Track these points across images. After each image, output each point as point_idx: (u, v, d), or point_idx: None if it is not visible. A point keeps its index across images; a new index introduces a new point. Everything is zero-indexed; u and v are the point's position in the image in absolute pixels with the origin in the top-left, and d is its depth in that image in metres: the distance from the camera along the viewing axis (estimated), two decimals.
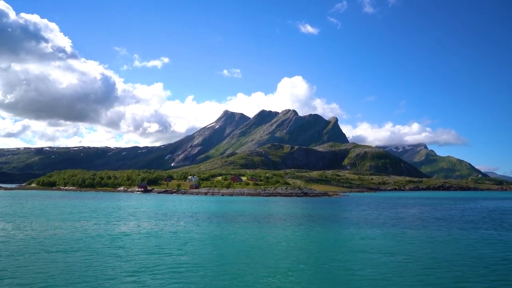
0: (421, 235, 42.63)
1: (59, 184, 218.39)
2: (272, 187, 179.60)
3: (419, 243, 36.82)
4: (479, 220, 61.74)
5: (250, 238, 39.24)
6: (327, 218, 62.04)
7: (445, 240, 39.17)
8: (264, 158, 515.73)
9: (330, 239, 39.36)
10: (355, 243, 36.48)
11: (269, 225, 50.63)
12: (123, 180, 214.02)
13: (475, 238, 40.47)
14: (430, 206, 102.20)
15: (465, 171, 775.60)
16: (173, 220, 55.81)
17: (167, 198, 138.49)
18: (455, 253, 31.97)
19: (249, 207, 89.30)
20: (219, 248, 32.88)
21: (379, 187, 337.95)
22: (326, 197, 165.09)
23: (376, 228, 48.87)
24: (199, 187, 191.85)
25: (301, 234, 42.60)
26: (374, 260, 28.53)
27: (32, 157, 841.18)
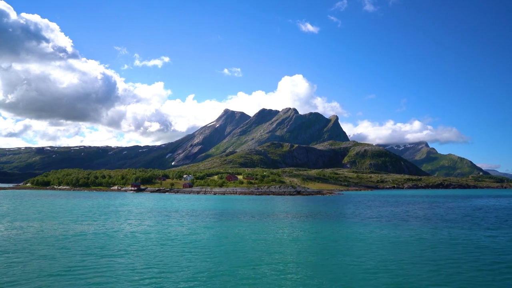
0: (386, 234, 41.22)
1: (53, 183, 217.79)
2: (265, 186, 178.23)
3: (379, 243, 35.43)
4: (459, 219, 60.19)
5: (214, 234, 38.24)
6: (303, 215, 60.69)
7: (408, 240, 37.73)
8: (263, 156, 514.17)
9: (293, 235, 38.24)
10: (308, 239, 35.18)
11: (234, 221, 49.45)
12: (118, 180, 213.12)
13: (440, 238, 39.01)
14: (418, 204, 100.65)
15: (466, 169, 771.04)
16: (134, 219, 54.66)
17: (157, 196, 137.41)
18: (411, 254, 30.58)
19: (229, 204, 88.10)
20: (176, 246, 31.65)
21: (377, 185, 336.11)
22: (319, 195, 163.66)
23: (346, 225, 47.60)
24: (193, 186, 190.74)
25: (259, 228, 41.39)
26: (320, 257, 27.40)
27: (33, 156, 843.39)
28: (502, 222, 54.29)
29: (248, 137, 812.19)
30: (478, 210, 79.16)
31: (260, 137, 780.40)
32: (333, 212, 70.39)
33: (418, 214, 68.79)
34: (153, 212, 68.94)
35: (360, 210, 77.84)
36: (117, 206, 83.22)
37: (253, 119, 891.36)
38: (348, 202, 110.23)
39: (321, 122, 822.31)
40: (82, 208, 77.30)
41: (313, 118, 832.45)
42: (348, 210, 77.60)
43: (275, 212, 69.05)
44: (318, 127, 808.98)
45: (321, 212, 70.26)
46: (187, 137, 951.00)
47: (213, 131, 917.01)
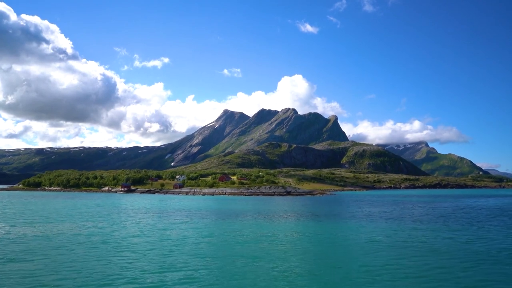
0: (352, 233, 39.63)
1: (44, 184, 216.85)
2: (256, 186, 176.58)
3: (338, 242, 33.84)
4: (432, 219, 58.39)
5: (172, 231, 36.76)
6: (275, 215, 59.09)
7: (357, 240, 36.08)
8: (261, 157, 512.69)
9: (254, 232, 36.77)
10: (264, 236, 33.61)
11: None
12: (109, 180, 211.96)
13: (396, 239, 37.33)
14: (403, 203, 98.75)
15: (466, 168, 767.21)
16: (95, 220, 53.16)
17: (142, 197, 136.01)
18: (348, 255, 28.98)
19: (208, 204, 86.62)
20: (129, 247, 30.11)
21: (374, 185, 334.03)
22: (309, 196, 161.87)
23: (315, 222, 46.01)
24: (183, 187, 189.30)
25: (214, 226, 39.92)
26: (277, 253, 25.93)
27: (33, 157, 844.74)
28: (473, 223, 52.50)
29: (248, 138, 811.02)
30: (459, 210, 77.32)
31: (259, 137, 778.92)
32: (307, 211, 68.87)
33: (393, 214, 67.08)
34: (116, 212, 67.46)
35: (336, 209, 76.23)
36: (89, 207, 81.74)
37: (252, 120, 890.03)
38: (332, 202, 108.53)
39: (320, 122, 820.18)
40: (46, 209, 75.89)
41: (312, 118, 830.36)
42: (323, 209, 75.95)
43: (246, 212, 67.48)
44: (318, 127, 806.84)
45: (295, 212, 68.69)
46: (187, 138, 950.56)
47: (212, 131, 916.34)
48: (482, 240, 36.68)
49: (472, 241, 36.36)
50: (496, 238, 38.23)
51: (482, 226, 48.46)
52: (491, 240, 36.85)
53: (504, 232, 42.77)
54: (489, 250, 31.58)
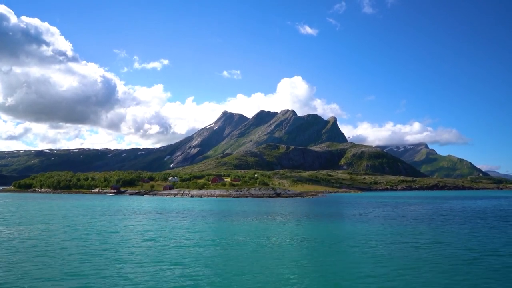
0: (302, 232, 37.91)
1: (35, 186, 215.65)
2: (245, 188, 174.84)
3: (289, 241, 32.12)
4: (405, 221, 56.54)
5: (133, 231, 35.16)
6: (239, 214, 57.40)
7: (315, 238, 34.33)
8: (258, 158, 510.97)
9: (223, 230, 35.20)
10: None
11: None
12: (100, 182, 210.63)
13: (355, 241, 35.58)
14: (388, 205, 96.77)
15: (466, 170, 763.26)
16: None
17: (127, 198, 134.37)
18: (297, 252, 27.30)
19: (185, 205, 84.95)
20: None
21: (370, 187, 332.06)
22: (299, 197, 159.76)
23: (283, 221, 44.31)
24: (173, 188, 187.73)
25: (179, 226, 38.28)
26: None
27: (32, 159, 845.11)
28: (442, 226, 50.60)
29: (247, 139, 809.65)
30: (439, 212, 75.33)
31: (258, 139, 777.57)
32: (277, 212, 67.11)
33: (368, 215, 65.23)
34: (81, 214, 65.84)
35: (312, 210, 74.44)
36: (55, 209, 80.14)
37: (251, 121, 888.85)
38: (315, 203, 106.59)
39: (319, 124, 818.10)
40: (18, 210, 74.36)
41: (311, 119, 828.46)
42: (298, 210, 74.18)
43: (213, 212, 65.79)
44: (317, 128, 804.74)
45: (269, 213, 66.93)
46: (186, 139, 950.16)
47: (211, 133, 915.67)
48: (436, 245, 34.81)
49: (426, 246, 34.50)
50: (455, 243, 36.36)
51: (448, 230, 46.54)
52: (446, 245, 34.98)
53: (466, 237, 40.89)
54: (433, 256, 29.73)
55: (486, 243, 36.32)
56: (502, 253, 30.95)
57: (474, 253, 31.18)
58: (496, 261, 28.06)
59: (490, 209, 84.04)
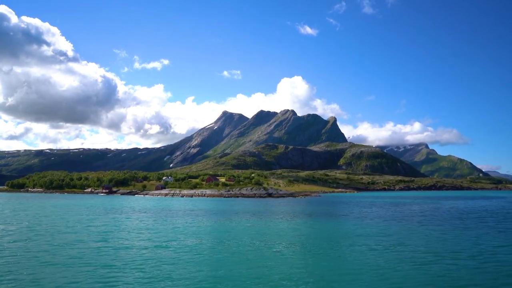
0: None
1: (28, 185, 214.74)
2: (237, 188, 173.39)
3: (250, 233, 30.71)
4: (384, 221, 55.01)
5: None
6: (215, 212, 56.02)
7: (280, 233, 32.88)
8: (257, 158, 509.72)
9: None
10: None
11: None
12: (93, 182, 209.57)
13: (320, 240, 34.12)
14: (376, 205, 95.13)
15: (466, 170, 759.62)
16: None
17: (117, 198, 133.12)
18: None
19: (164, 204, 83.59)
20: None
21: (367, 187, 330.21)
22: (290, 198, 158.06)
23: (254, 220, 42.96)
24: (165, 188, 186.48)
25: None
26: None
27: (32, 159, 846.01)
28: (418, 227, 49.05)
29: (246, 139, 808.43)
30: (423, 212, 73.74)
31: (258, 138, 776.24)
32: (255, 211, 65.72)
33: (348, 214, 63.65)
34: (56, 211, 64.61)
35: (300, 207, 72.92)
36: (30, 209, 78.94)
37: (251, 121, 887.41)
38: (302, 203, 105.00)
39: (319, 124, 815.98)
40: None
41: (311, 119, 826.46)
42: (282, 209, 72.69)
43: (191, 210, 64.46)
44: (316, 128, 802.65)
45: (245, 211, 65.56)
46: (186, 139, 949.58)
47: (211, 133, 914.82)
48: (396, 248, 33.26)
49: (384, 248, 32.96)
50: (417, 245, 34.81)
51: (419, 231, 44.94)
52: (407, 247, 33.44)
53: (434, 238, 39.33)
54: (384, 260, 28.22)
55: (449, 245, 34.76)
56: (460, 257, 29.39)
57: (430, 255, 29.62)
58: (444, 265, 26.53)
59: (476, 210, 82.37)
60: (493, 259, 28.48)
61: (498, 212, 75.36)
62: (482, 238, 39.77)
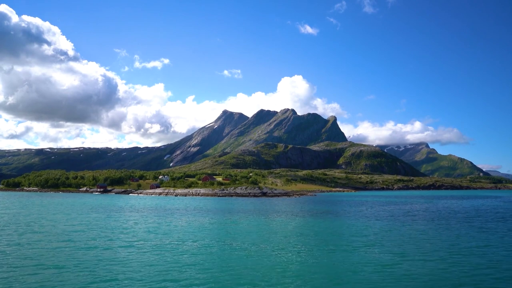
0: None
1: (24, 184, 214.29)
2: (232, 187, 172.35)
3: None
4: (366, 220, 53.99)
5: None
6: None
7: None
8: (256, 157, 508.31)
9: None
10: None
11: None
12: (88, 181, 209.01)
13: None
14: (365, 204, 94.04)
15: (466, 169, 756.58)
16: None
17: (110, 197, 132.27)
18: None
19: (152, 203, 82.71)
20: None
21: (366, 186, 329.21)
22: (285, 197, 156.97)
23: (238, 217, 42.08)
24: (160, 187, 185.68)
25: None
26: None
27: (32, 158, 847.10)
28: (400, 226, 47.98)
29: (246, 138, 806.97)
30: (412, 211, 72.61)
31: (258, 138, 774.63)
32: (235, 209, 64.83)
33: (329, 213, 62.63)
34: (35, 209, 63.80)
35: (280, 208, 71.97)
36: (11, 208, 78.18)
37: (251, 120, 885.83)
38: (292, 203, 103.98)
39: (319, 123, 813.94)
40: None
41: (311, 118, 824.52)
42: (268, 207, 71.73)
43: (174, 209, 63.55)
44: (316, 127, 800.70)
45: (229, 210, 64.60)
46: (186, 138, 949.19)
47: (211, 132, 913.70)
48: (364, 248, 32.24)
49: (353, 248, 31.94)
50: (388, 246, 33.77)
51: (399, 231, 43.88)
52: (377, 248, 32.40)
53: (410, 239, 38.27)
54: (340, 261, 27.21)
55: (424, 245, 33.68)
56: (430, 258, 28.31)
57: (399, 256, 28.55)
58: (409, 267, 25.47)
59: (466, 209, 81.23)
60: (463, 261, 27.39)
61: (488, 212, 74.22)
62: (461, 238, 38.72)
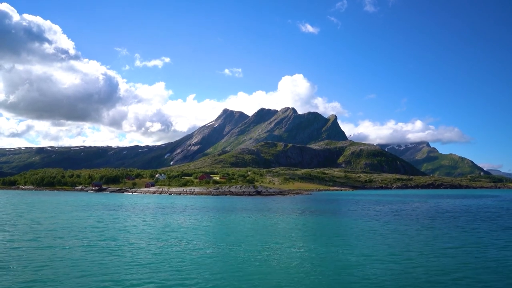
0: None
1: (19, 183, 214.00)
2: (226, 186, 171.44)
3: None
4: (358, 217, 52.91)
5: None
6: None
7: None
8: (255, 156, 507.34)
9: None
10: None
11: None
12: (84, 179, 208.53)
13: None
14: (354, 203, 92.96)
15: (467, 168, 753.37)
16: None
17: (103, 195, 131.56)
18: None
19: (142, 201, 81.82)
20: None
21: (364, 185, 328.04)
22: (279, 196, 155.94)
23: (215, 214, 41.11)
24: (155, 185, 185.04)
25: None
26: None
27: (33, 156, 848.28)
28: (377, 225, 46.90)
29: (246, 137, 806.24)
30: (400, 211, 71.45)
31: (258, 136, 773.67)
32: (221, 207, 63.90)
33: (306, 212, 61.61)
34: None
35: (267, 206, 71.03)
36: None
37: (251, 119, 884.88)
38: (283, 201, 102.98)
39: (319, 122, 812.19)
40: None
41: (311, 117, 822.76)
42: (255, 206, 70.77)
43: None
44: (317, 126, 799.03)
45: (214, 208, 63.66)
46: (186, 137, 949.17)
47: (211, 130, 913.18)
48: (337, 248, 31.17)
49: (323, 247, 30.88)
50: (363, 246, 32.69)
51: (379, 231, 42.78)
52: (353, 248, 31.33)
53: (387, 238, 37.18)
54: (312, 264, 26.14)
55: (395, 246, 32.55)
56: (396, 260, 27.22)
57: (363, 258, 27.46)
58: (368, 269, 24.37)
59: (456, 209, 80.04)
60: (429, 263, 26.21)
61: (478, 211, 73.00)
62: (438, 238, 37.56)
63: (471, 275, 23.13)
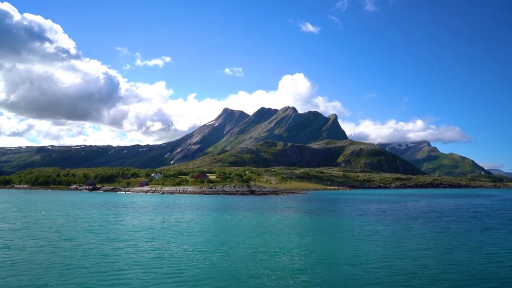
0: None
1: (14, 182, 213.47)
2: (220, 185, 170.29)
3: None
4: (345, 216, 51.70)
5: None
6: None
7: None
8: (254, 155, 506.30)
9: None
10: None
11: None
12: (79, 178, 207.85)
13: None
14: (344, 202, 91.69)
15: (468, 168, 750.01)
16: None
17: (95, 194, 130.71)
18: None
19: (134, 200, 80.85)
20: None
21: (363, 185, 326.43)
22: (273, 195, 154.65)
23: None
24: (149, 185, 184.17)
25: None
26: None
27: (34, 155, 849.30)
28: (359, 225, 45.67)
29: (247, 136, 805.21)
30: (388, 210, 70.17)
31: (258, 136, 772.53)
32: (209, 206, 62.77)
33: (289, 210, 60.43)
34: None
35: (254, 205, 69.92)
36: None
37: (252, 118, 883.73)
38: (274, 200, 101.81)
39: (320, 121, 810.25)
40: None
41: (312, 116, 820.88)
42: (240, 204, 69.68)
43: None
44: (317, 125, 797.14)
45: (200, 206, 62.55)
46: (187, 136, 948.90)
47: (212, 130, 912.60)
48: (307, 250, 29.97)
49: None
50: (333, 247, 31.49)
51: (357, 231, 41.56)
52: (323, 248, 30.14)
53: (358, 239, 35.95)
54: (269, 263, 24.94)
55: (362, 247, 31.30)
56: (358, 261, 25.98)
57: (330, 259, 26.25)
58: (328, 272, 23.15)
59: (446, 208, 78.62)
60: (393, 265, 24.93)
61: (467, 211, 71.60)
62: (412, 239, 36.25)
63: (427, 277, 21.87)
